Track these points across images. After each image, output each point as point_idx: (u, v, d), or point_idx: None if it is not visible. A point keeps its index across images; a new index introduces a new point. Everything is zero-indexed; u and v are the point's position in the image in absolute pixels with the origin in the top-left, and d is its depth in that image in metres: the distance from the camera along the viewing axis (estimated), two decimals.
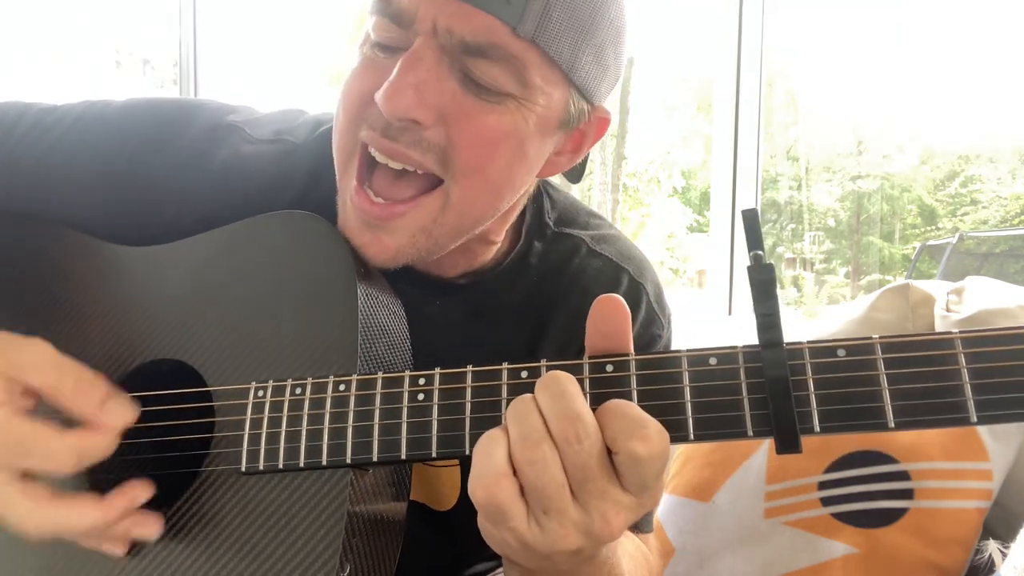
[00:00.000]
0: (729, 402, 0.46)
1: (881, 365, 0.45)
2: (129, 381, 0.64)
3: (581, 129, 0.66)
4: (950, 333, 0.44)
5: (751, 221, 0.46)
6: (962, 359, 0.43)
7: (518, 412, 0.45)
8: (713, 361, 0.47)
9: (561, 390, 0.45)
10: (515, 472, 0.45)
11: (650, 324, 0.78)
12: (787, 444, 0.44)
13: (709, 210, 2.14)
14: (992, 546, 0.89)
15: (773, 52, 2.03)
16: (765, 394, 0.45)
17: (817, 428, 0.45)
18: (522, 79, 0.57)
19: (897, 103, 5.21)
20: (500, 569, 0.94)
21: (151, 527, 0.54)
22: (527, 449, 0.44)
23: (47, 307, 0.69)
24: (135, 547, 0.57)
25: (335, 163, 0.64)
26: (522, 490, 0.45)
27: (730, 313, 2.11)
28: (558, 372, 0.46)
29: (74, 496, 0.52)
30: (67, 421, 0.53)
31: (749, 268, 0.45)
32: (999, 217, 4.93)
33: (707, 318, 2.11)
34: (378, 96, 0.56)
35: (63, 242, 0.72)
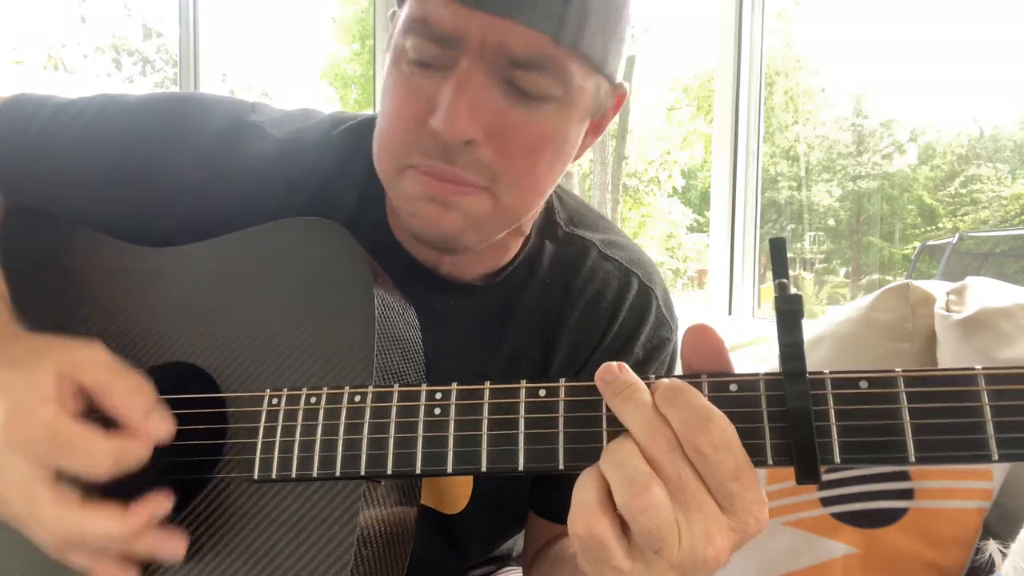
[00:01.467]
0: (750, 430, 0.45)
1: (903, 399, 0.44)
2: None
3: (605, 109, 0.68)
4: (973, 369, 0.44)
5: (779, 249, 0.46)
6: (985, 396, 0.43)
7: (616, 458, 0.44)
8: (734, 388, 0.46)
9: (644, 401, 0.45)
10: (623, 521, 0.44)
11: (660, 327, 0.78)
12: (807, 474, 0.44)
13: (709, 210, 2.15)
14: (992, 546, 0.89)
15: (773, 52, 2.03)
16: (786, 423, 0.45)
17: (837, 459, 0.44)
18: (565, 83, 0.59)
19: (897, 103, 5.21)
20: (503, 570, 0.94)
21: (175, 546, 0.54)
22: (636, 495, 0.43)
23: (64, 306, 0.69)
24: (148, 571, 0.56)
25: (381, 177, 0.65)
26: (624, 527, 0.44)
27: (730, 313, 2.11)
28: (631, 379, 0.46)
29: (100, 505, 0.52)
30: (108, 425, 0.54)
31: (776, 298, 0.45)
32: (999, 217, 4.93)
33: (707, 318, 2.11)
34: (436, 122, 0.57)
35: (80, 241, 0.72)
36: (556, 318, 0.75)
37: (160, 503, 0.53)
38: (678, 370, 0.50)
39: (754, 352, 1.40)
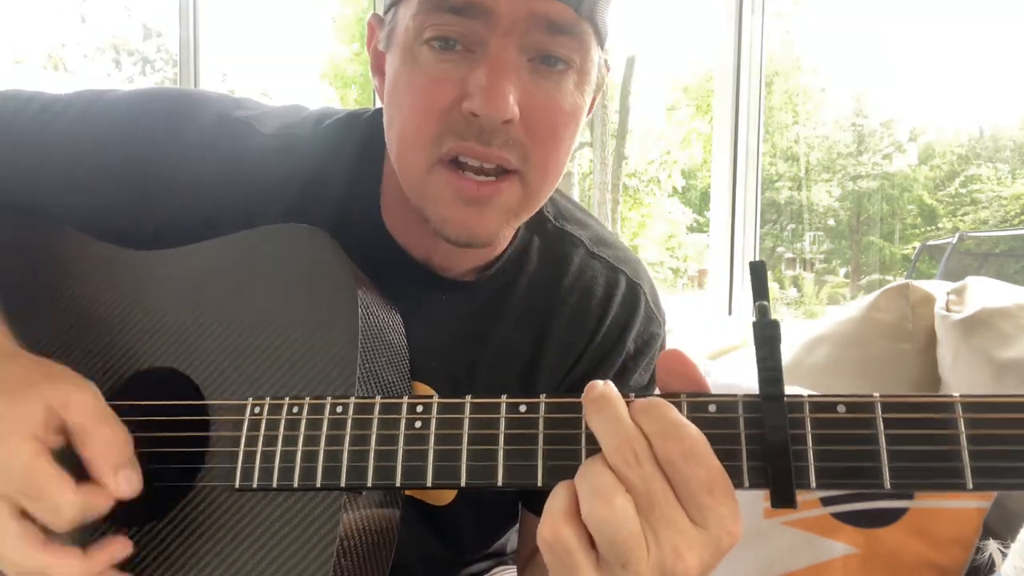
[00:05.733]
0: (728, 452, 0.45)
1: (880, 424, 0.44)
2: (125, 388, 0.63)
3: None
4: (951, 396, 0.44)
5: (759, 273, 0.46)
6: (961, 424, 0.43)
7: (586, 470, 0.45)
8: (712, 408, 0.46)
9: (614, 414, 0.45)
10: (589, 533, 0.44)
11: (649, 322, 0.78)
12: (782, 499, 0.44)
13: (709, 210, 2.15)
14: (992, 546, 0.89)
15: (773, 52, 2.03)
16: (763, 446, 0.45)
17: (813, 484, 0.44)
18: (583, 55, 0.61)
19: (897, 103, 5.21)
20: (497, 569, 0.94)
21: None
22: (598, 505, 0.43)
23: (50, 309, 0.69)
24: None
25: (406, 180, 0.65)
26: (592, 543, 0.44)
27: (730, 313, 2.11)
28: (609, 392, 0.46)
29: (62, 548, 0.53)
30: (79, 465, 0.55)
31: (754, 323, 0.45)
32: (999, 217, 4.93)
33: (707, 318, 2.11)
34: (476, 105, 0.58)
35: (66, 243, 0.71)
36: (546, 315, 0.75)
37: (119, 548, 0.54)
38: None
39: (753, 353, 1.40)
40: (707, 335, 1.51)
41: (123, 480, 0.54)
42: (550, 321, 0.74)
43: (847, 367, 1.16)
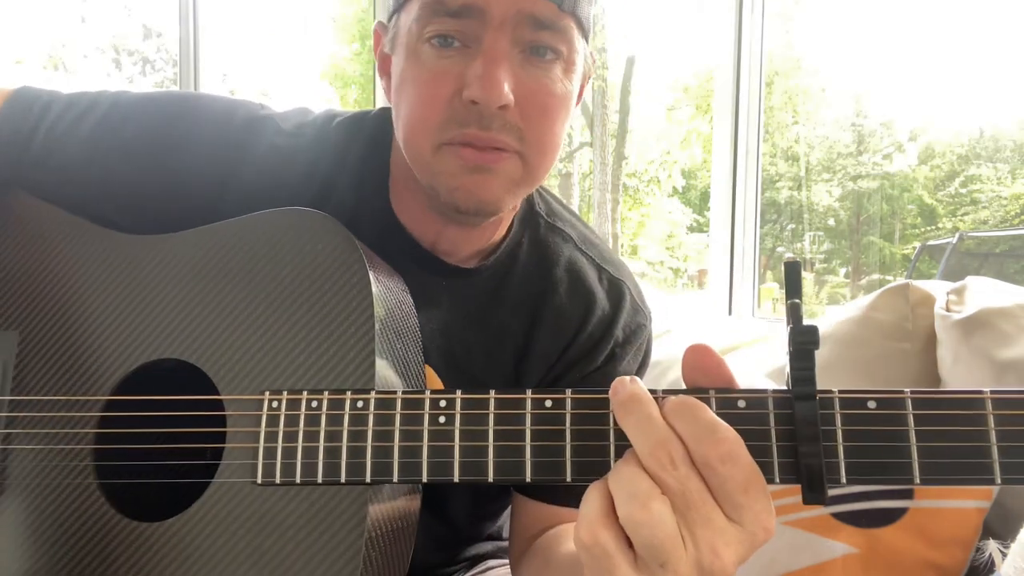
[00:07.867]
0: (758, 447, 0.45)
1: (911, 420, 0.45)
2: (133, 378, 0.63)
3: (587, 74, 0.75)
4: (981, 392, 0.44)
5: (792, 271, 0.46)
6: (991, 420, 0.44)
7: (621, 473, 0.45)
8: (742, 404, 0.46)
9: (646, 414, 0.45)
10: (626, 533, 0.44)
11: (636, 313, 0.83)
12: (814, 494, 0.44)
13: (709, 210, 2.14)
14: (992, 546, 0.89)
15: (773, 52, 2.03)
16: (793, 442, 0.45)
17: (844, 479, 0.45)
18: (568, 46, 0.67)
19: (897, 103, 5.21)
20: (493, 562, 0.94)
21: None
22: (636, 509, 0.43)
23: (57, 298, 0.69)
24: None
25: (414, 161, 0.69)
26: (629, 543, 0.44)
27: (730, 313, 2.11)
28: (638, 392, 0.46)
29: None
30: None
31: (791, 329, 0.45)
32: (999, 217, 4.93)
33: (707, 318, 2.11)
34: (475, 93, 0.63)
35: (71, 231, 0.71)
36: (539, 301, 0.79)
37: None
38: (679, 383, 0.50)
39: (753, 352, 1.40)
40: (707, 335, 1.51)
41: None
42: (543, 307, 0.79)
43: (847, 367, 1.16)
